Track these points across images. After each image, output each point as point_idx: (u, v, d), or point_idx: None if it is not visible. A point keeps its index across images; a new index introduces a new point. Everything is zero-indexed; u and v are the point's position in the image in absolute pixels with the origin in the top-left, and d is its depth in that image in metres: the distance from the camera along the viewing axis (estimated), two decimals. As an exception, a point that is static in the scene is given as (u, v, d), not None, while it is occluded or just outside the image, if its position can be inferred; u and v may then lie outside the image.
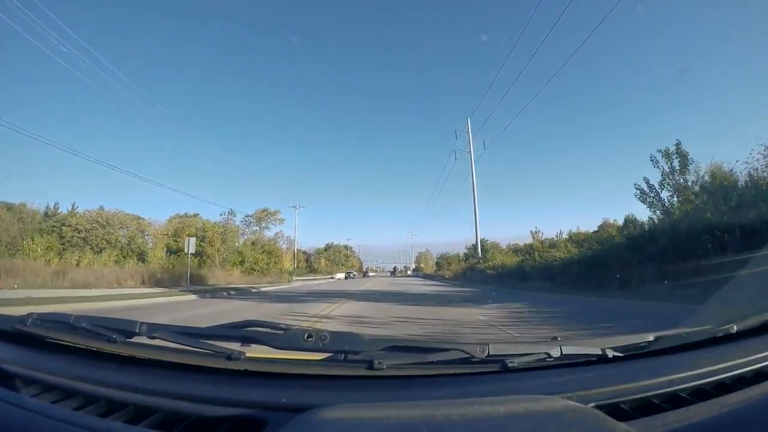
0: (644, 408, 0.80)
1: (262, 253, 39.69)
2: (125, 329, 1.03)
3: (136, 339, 1.03)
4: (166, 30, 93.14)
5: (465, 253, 58.99)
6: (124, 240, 31.96)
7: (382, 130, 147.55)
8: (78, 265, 21.81)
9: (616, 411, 0.77)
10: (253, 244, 40.98)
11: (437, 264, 77.36)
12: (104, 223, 32.76)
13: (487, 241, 54.88)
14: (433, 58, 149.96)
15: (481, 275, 30.36)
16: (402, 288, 22.27)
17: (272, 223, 48.53)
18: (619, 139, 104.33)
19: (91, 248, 27.70)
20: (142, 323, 1.03)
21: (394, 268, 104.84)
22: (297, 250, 61.27)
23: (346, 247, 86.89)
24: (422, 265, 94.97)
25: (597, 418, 0.70)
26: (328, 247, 78.74)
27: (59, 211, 31.54)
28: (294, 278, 40.54)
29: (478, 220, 35.27)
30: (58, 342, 1.07)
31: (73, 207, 33.13)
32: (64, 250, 26.88)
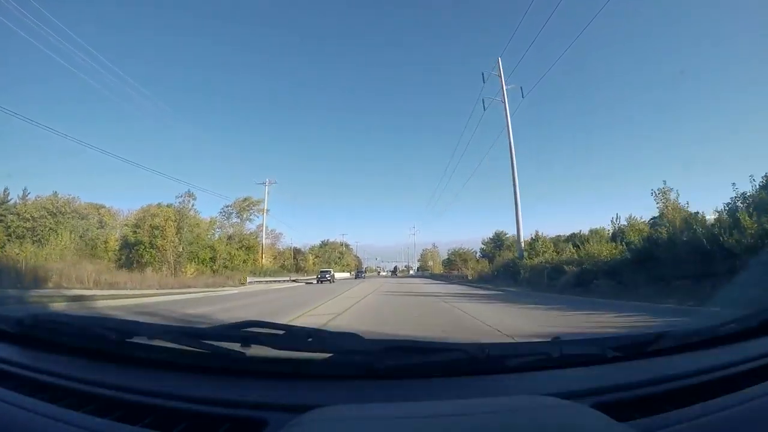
0: (644, 408, 0.80)
1: (240, 248, 36.76)
2: (125, 329, 1.04)
3: (136, 339, 1.02)
4: (163, 25, 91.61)
5: (482, 249, 50.34)
6: (77, 230, 29.13)
7: (381, 127, 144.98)
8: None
9: (616, 411, 0.77)
10: (229, 238, 37.97)
11: (448, 262, 62.76)
12: (55, 211, 29.85)
13: (506, 234, 46.12)
14: (435, 46, 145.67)
15: (541, 275, 17.09)
16: (430, 314, 7.96)
17: (255, 215, 44.13)
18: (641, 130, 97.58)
19: (36, 240, 24.92)
20: (143, 323, 1.04)
21: (395, 268, 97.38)
22: (291, 247, 58.08)
23: (342, 244, 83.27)
24: (430, 263, 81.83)
25: (597, 418, 0.71)
26: (323, 245, 75.09)
27: (9, 198, 28.88)
28: (255, 279, 30.02)
29: (518, 195, 21.76)
30: (58, 342, 1.07)
31: (24, 193, 30.15)
32: (8, 241, 24.30)
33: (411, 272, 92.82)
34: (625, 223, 18.09)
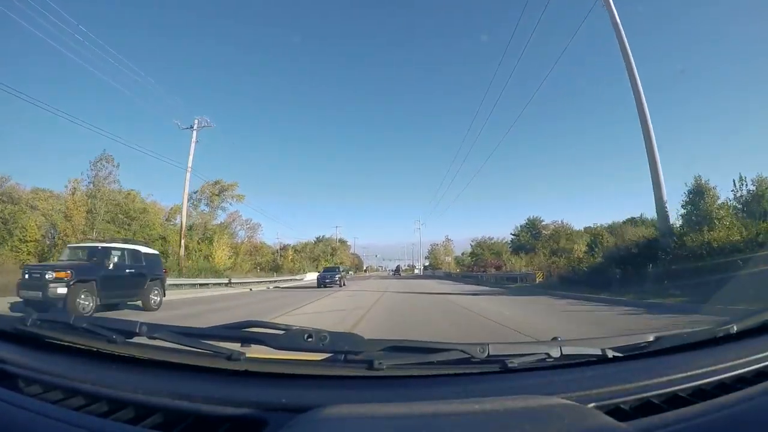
0: (644, 408, 0.80)
1: (202, 240, 28.48)
2: (125, 329, 1.02)
3: (136, 339, 1.02)
4: (164, 25, 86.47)
5: (515, 239, 39.93)
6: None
7: (382, 126, 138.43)
8: None
9: (616, 411, 0.77)
10: (190, 228, 29.80)
11: (473, 257, 45.39)
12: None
13: (542, 220, 38.74)
14: (438, 46, 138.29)
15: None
16: None
17: (228, 202, 36.55)
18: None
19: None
20: (142, 323, 1.02)
21: (397, 267, 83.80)
22: (278, 242, 49.38)
23: (338, 239, 74.56)
24: (448, 259, 64.25)
25: (597, 418, 0.70)
26: (318, 241, 67.28)
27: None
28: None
29: (648, 118, 11.92)
30: (58, 342, 1.06)
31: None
32: None
33: (416, 271, 79.87)
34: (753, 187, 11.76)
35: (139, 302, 9.55)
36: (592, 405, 0.77)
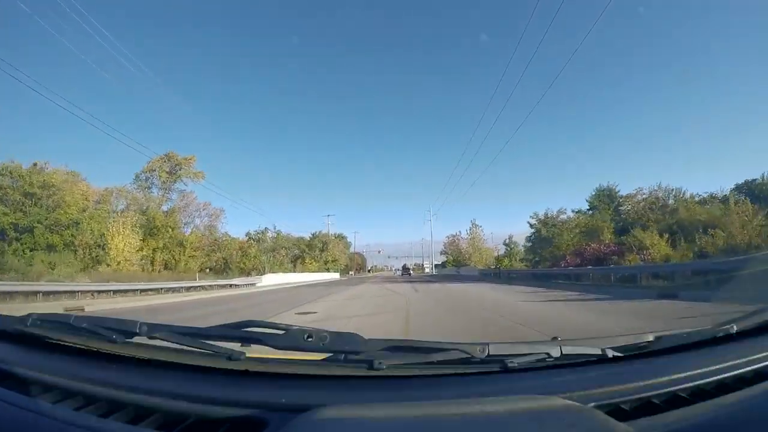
0: (644, 408, 0.80)
1: (134, 228, 21.84)
2: (125, 329, 1.02)
3: (136, 339, 1.02)
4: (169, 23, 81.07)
5: (585, 214, 26.20)
6: None
7: (389, 116, 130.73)
8: None
9: (616, 411, 0.78)
10: (120, 213, 23.26)
11: (538, 241, 30.44)
12: None
13: (617, 189, 25.75)
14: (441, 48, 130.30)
15: None
16: None
17: (183, 180, 29.09)
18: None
19: None
20: (142, 323, 1.02)
21: (404, 266, 71.52)
22: (266, 231, 41.29)
23: (338, 236, 67.47)
24: (484, 254, 49.74)
25: (597, 418, 0.71)
26: (314, 236, 60.79)
27: None
28: None
29: None
30: (58, 342, 1.06)
31: None
32: None
33: (427, 270, 71.45)
34: None
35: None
36: (592, 405, 0.77)
